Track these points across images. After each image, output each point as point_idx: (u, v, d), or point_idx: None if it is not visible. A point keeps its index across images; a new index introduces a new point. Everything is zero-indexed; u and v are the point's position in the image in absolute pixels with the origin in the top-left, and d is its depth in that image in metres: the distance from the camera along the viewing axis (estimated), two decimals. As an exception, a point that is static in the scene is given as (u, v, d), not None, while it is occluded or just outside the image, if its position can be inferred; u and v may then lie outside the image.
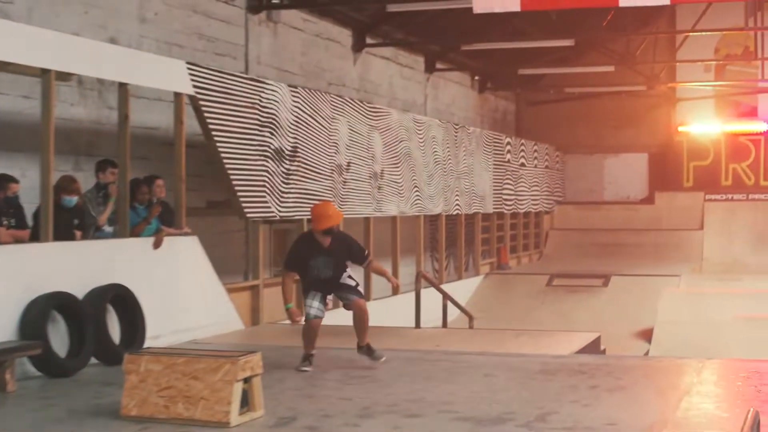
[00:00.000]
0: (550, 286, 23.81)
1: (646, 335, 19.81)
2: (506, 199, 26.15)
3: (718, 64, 31.24)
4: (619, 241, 30.06)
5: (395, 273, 19.45)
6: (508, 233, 26.91)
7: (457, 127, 22.92)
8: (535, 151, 29.07)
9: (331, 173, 16.73)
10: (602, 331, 20.25)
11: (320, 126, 16.41)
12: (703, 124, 31.34)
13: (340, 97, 17.44)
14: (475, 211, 24.00)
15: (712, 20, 27.00)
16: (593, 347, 13.13)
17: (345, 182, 17.21)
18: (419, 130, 20.55)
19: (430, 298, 18.62)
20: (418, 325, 14.61)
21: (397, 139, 19.40)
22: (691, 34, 27.12)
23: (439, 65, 25.90)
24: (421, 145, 20.62)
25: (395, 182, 19.26)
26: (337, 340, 11.58)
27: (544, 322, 21.62)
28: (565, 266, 26.80)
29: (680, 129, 31.47)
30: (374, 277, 18.58)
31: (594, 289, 23.45)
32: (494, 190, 25.23)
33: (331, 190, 16.63)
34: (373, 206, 18.33)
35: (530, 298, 23.29)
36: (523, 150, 27.79)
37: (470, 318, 17.22)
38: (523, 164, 27.69)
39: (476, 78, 28.86)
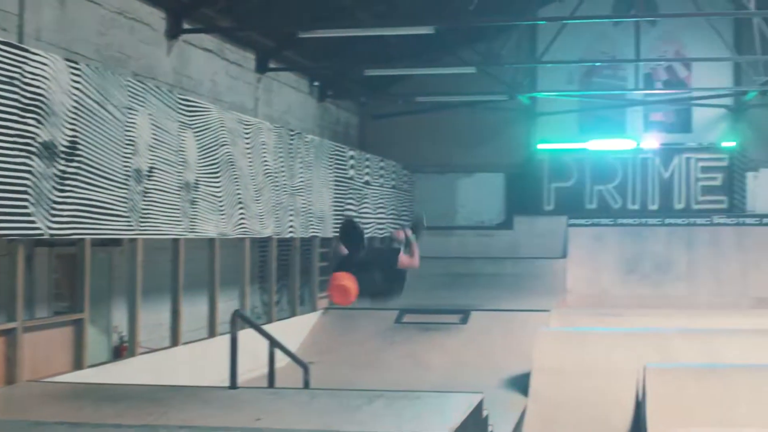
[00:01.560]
0: (400, 323, 20.26)
1: (519, 384, 16.41)
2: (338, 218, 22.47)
3: (582, 76, 28.42)
4: (475, 270, 26.76)
5: (213, 310, 15.63)
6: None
7: (292, 133, 19.19)
8: (382, 168, 25.55)
9: (126, 180, 12.81)
10: (464, 379, 16.92)
11: (112, 117, 12.50)
12: (565, 141, 28.33)
13: (140, 82, 13.50)
14: (313, 234, 20.28)
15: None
16: (475, 417, 9.52)
17: (145, 193, 13.30)
18: (246, 134, 16.76)
19: (257, 340, 15.04)
20: (233, 383, 10.71)
21: (217, 143, 15.58)
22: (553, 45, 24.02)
23: (273, 64, 22.11)
24: (249, 152, 16.83)
25: (214, 196, 15.42)
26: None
27: (394, 366, 18.19)
28: (415, 299, 23.14)
29: (540, 146, 28.37)
30: (186, 314, 14.74)
31: (451, 327, 20.04)
32: (335, 210, 21.57)
33: (125, 202, 12.71)
34: (185, 225, 14.45)
35: (377, 338, 19.69)
36: (368, 166, 24.23)
37: (305, 370, 13.44)
38: (367, 182, 24.12)
39: (315, 84, 25.16)
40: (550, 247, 27.25)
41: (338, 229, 11.81)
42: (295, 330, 19.09)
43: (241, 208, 16.40)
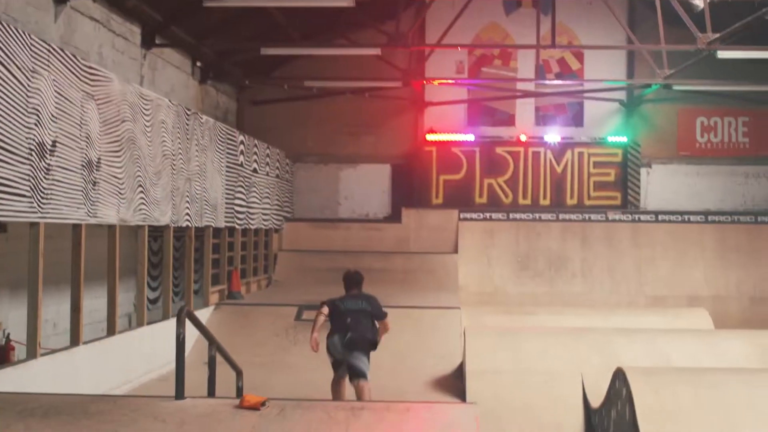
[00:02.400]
0: (301, 320, 18.70)
1: (448, 388, 15.13)
2: (238, 212, 20.86)
3: (472, 66, 27.37)
4: (362, 265, 25.02)
5: (113, 305, 13.88)
6: (239, 254, 21.61)
7: (189, 113, 17.46)
8: (268, 155, 23.95)
9: (30, 155, 10.99)
10: (383, 383, 15.53)
11: (14, 80, 10.66)
12: (454, 133, 27.21)
13: (45, 42, 11.65)
14: (207, 224, 18.58)
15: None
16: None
17: (48, 170, 11.48)
18: (146, 110, 15.00)
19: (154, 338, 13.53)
20: (180, 393, 9.00)
21: (119, 118, 13.81)
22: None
23: (159, 40, 20.30)
24: (148, 130, 15.08)
25: (116, 178, 13.65)
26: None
27: (301, 367, 16.71)
28: (303, 295, 21.83)
29: (429, 138, 27.15)
30: (86, 313, 12.98)
31: (357, 325, 18.53)
32: (226, 198, 19.90)
33: (27, 181, 10.89)
34: (86, 209, 12.66)
35: (278, 337, 18.12)
36: (256, 153, 22.60)
37: (238, 374, 11.87)
38: (255, 170, 22.49)
39: (198, 65, 23.40)
40: (440, 242, 26.08)
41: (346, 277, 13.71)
42: (188, 327, 17.35)
43: (141, 193, 14.65)
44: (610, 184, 27.01)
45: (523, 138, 26.94)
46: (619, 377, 11.08)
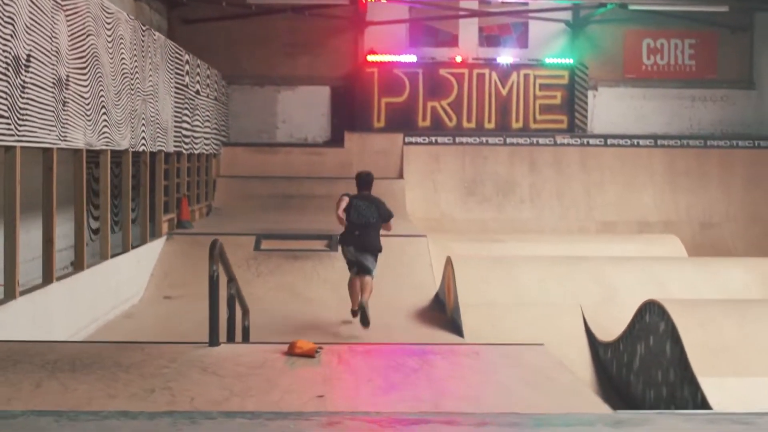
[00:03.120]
0: (260, 250, 17.69)
1: (435, 321, 14.34)
2: (185, 135, 19.69)
3: (415, -17, 26.35)
4: (305, 191, 24.37)
5: (80, 237, 12.74)
6: (185, 180, 20.46)
7: (144, 29, 16.18)
8: (208, 77, 22.71)
9: (6, 70, 9.77)
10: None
11: (-9, -15, 9.42)
12: (396, 54, 26.19)
13: (17, -58, 10.35)
14: (160, 148, 17.40)
15: None
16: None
17: (23, 88, 10.27)
18: (108, 24, 13.72)
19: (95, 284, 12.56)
20: (215, 339, 7.96)
21: (84, 31, 12.53)
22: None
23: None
24: (110, 46, 13.82)
25: (82, 97, 12.43)
26: None
27: (268, 300, 15.86)
28: (247, 222, 20.88)
29: (370, 59, 26.09)
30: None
31: (320, 254, 17.67)
32: (175, 121, 18.71)
33: (5, 99, 9.68)
34: (58, 132, 11.46)
35: (240, 268, 16.97)
36: (198, 73, 21.37)
37: (245, 313, 10.90)
38: (198, 92, 21.28)
39: (132, -22, 22.00)
40: (385, 167, 25.14)
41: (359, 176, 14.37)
42: (143, 259, 16.26)
43: (104, 114, 13.44)
44: (557, 107, 26.33)
45: (458, 59, 25.99)
46: (653, 310, 10.37)
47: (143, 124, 15.79)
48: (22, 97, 10.20)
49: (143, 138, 15.82)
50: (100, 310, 13.52)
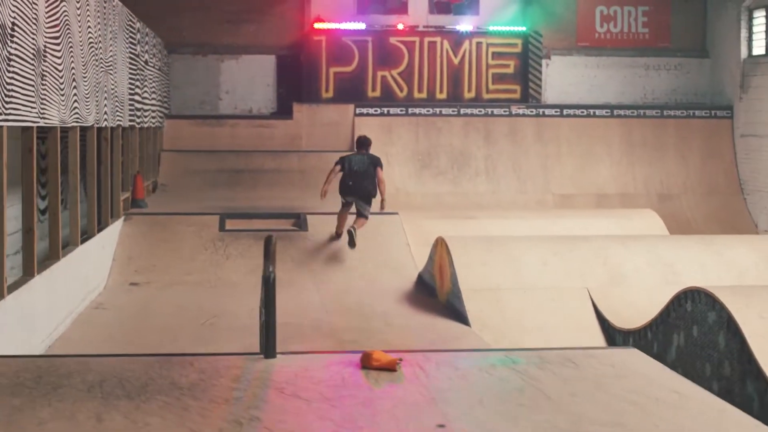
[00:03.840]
0: (227, 232, 16.67)
1: (426, 305, 13.55)
2: (137, 108, 18.56)
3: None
4: (254, 165, 23.36)
5: (55, 223, 11.67)
6: (137, 156, 19.32)
7: (105, -7, 15.03)
8: (154, 46, 21.54)
9: (-5, 40, 8.71)
10: (348, 302, 13.92)
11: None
12: (344, 21, 25.20)
13: None
14: (118, 123, 16.27)
15: None
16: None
17: (9, 60, 9.18)
18: (76, -11, 12.59)
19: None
20: (272, 351, 6.99)
21: (58, -3, 11.42)
22: None
23: None
24: (79, 13, 12.68)
25: (57, 70, 11.32)
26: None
27: (241, 286, 14.94)
28: (200, 200, 19.96)
29: (317, 26, 25.05)
30: None
31: (291, 234, 16.76)
32: (129, 93, 17.57)
33: (-5, 73, 8.63)
34: (38, 108, 10.36)
35: (207, 250, 16.11)
36: (147, 42, 20.19)
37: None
38: (147, 62, 20.12)
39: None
40: (336, 139, 24.27)
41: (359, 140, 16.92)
42: (103, 243, 15.14)
43: (74, 88, 12.33)
44: (510, 76, 25.58)
45: (400, 26, 25.08)
46: (698, 298, 9.68)
47: (105, 98, 14.67)
48: (8, 71, 9.11)
49: (105, 113, 14.70)
50: (73, 301, 12.46)
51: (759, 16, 24.14)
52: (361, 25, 25.22)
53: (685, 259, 13.32)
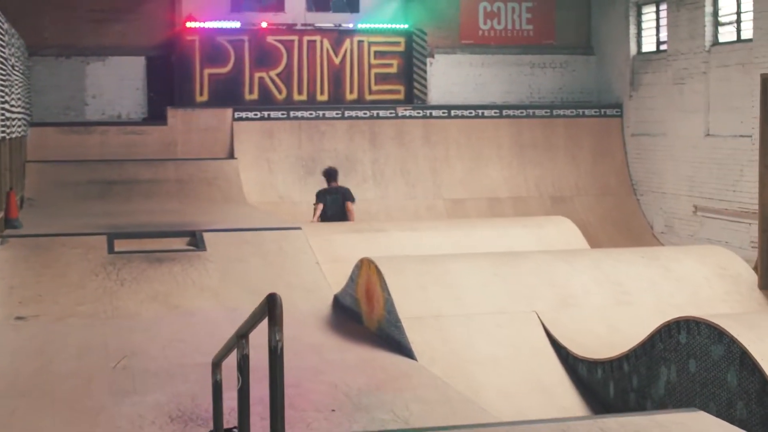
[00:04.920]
0: (117, 254, 15.10)
1: (358, 336, 12.32)
2: (7, 118, 16.82)
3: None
4: (128, 176, 21.77)
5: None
6: (8, 170, 17.56)
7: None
8: (18, 48, 19.73)
9: None
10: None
11: None
12: (218, 20, 23.75)
13: None
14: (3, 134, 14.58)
15: None
16: None
17: None
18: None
19: None
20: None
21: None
22: None
23: None
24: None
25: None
26: None
27: (143, 315, 13.44)
28: (76, 217, 18.33)
29: (189, 26, 23.52)
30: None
31: (188, 255, 15.24)
32: (0, 102, 15.84)
33: None
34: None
35: (97, 276, 14.45)
36: (12, 44, 18.41)
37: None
38: (14, 66, 18.34)
39: None
40: (214, 146, 22.88)
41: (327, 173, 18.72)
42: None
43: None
44: (393, 76, 24.50)
45: (264, 24, 23.76)
46: (694, 329, 8.73)
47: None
48: None
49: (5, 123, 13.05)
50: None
51: (648, 11, 23.66)
52: (236, 24, 23.80)
53: (632, 275, 12.44)
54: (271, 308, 5.43)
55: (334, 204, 17.99)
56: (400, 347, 11.33)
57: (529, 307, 11.83)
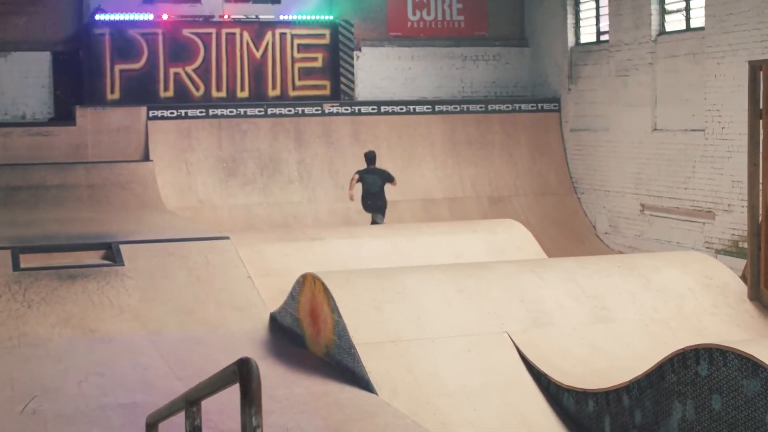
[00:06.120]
0: (23, 271, 13.37)
1: (305, 363, 10.82)
2: None
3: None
4: (34, 181, 20.01)
5: None
6: None
7: None
8: None
9: None
10: (191, 358, 11.11)
11: None
12: (129, 12, 22.03)
13: None
14: None
15: None
16: None
17: None
18: None
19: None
20: None
21: None
22: None
23: None
24: None
25: None
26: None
27: (55, 340, 11.97)
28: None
29: (98, 18, 21.76)
30: None
31: (105, 271, 13.59)
32: None
33: None
34: None
35: (2, 298, 12.73)
36: None
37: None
38: None
39: None
40: (127, 147, 21.19)
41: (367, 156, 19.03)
42: None
43: None
44: (318, 70, 22.99)
45: (165, 17, 22.06)
46: (719, 359, 7.41)
47: None
48: None
49: None
50: None
51: (587, 1, 22.44)
52: (149, 16, 22.08)
53: (610, 288, 11.14)
54: (245, 380, 3.90)
55: (373, 187, 18.56)
56: (355, 378, 9.86)
57: (499, 327, 10.45)
